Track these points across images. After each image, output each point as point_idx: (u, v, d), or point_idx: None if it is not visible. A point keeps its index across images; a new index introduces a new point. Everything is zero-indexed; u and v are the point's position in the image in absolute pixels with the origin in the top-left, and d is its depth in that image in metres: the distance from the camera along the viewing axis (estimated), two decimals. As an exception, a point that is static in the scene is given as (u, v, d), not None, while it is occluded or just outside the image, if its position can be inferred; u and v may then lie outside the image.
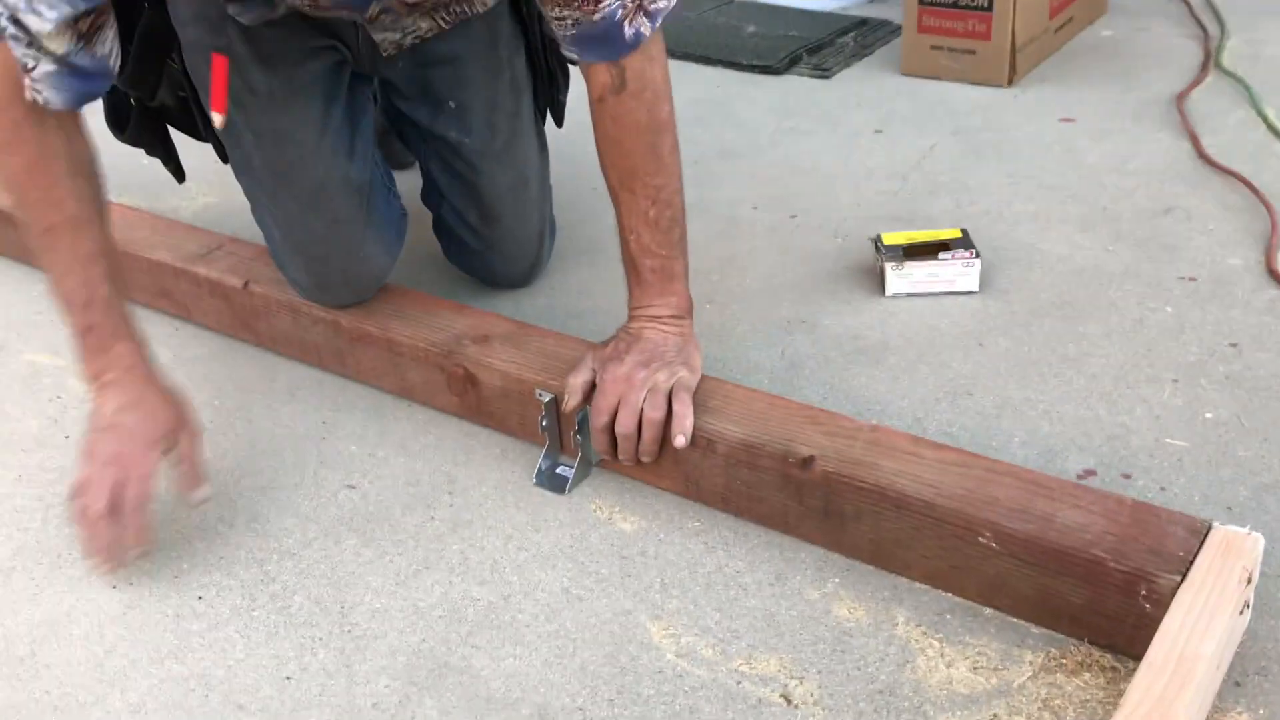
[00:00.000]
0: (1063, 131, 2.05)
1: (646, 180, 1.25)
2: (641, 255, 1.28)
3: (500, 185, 1.57)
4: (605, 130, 1.26)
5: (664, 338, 1.28)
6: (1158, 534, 1.03)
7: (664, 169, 1.26)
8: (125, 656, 1.14)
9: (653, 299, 1.29)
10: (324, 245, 1.42)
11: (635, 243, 1.28)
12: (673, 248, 1.29)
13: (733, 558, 1.20)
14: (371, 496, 1.33)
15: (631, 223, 1.27)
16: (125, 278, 1.29)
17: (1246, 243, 1.66)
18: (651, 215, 1.26)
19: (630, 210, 1.27)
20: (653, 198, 1.26)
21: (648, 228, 1.27)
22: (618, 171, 1.26)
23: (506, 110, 1.55)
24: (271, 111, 1.39)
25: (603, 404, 1.24)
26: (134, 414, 1.21)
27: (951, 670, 1.05)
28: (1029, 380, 1.42)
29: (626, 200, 1.26)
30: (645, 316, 1.29)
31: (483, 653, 1.11)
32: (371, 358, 1.48)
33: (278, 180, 1.42)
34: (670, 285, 1.29)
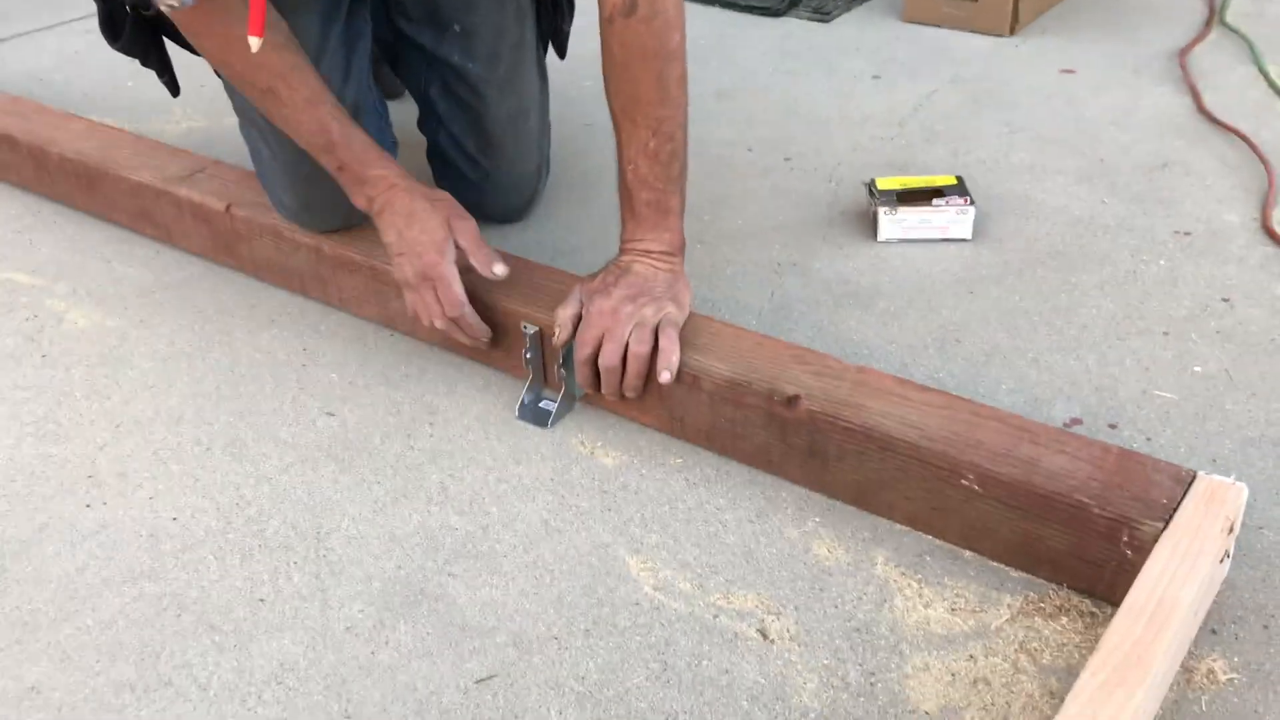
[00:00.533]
0: (1063, 83, 2.02)
1: (650, 110, 1.22)
2: (638, 187, 1.25)
3: (501, 114, 1.54)
4: (612, 54, 1.22)
5: (654, 273, 1.26)
6: (1142, 481, 1.02)
7: (669, 100, 1.23)
8: (98, 575, 1.13)
9: (645, 233, 1.26)
10: (313, 164, 1.39)
11: (633, 174, 1.25)
12: (670, 182, 1.26)
13: (714, 494, 1.19)
14: (351, 424, 1.31)
15: (631, 153, 1.24)
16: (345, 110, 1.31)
17: (1243, 199, 1.64)
18: (652, 147, 1.23)
19: (631, 140, 1.23)
20: (654, 129, 1.23)
21: (647, 160, 1.24)
22: (621, 99, 1.23)
23: (511, 38, 1.52)
24: (270, 24, 1.35)
25: (588, 336, 1.22)
26: (412, 230, 1.27)
27: (929, 611, 1.04)
28: (1019, 329, 1.41)
29: (628, 129, 1.23)
30: (636, 250, 1.27)
31: (459, 581, 1.10)
32: (354, 285, 1.45)
33: None
34: (664, 220, 1.27)
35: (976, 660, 1.00)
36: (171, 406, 1.35)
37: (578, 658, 1.02)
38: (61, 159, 1.72)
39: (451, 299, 1.27)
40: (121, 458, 1.28)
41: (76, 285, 1.59)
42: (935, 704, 0.96)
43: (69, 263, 1.65)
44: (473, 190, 1.61)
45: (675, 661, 1.01)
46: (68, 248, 1.68)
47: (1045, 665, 0.99)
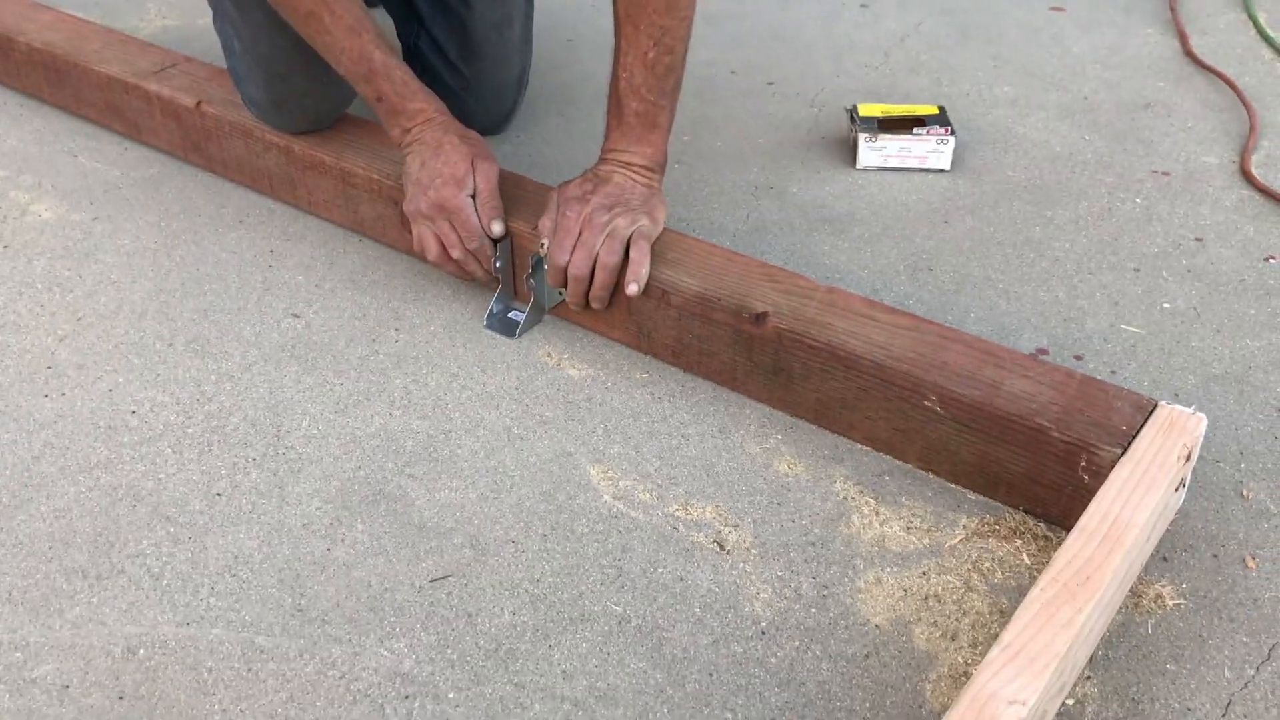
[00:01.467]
0: (1051, 19, 2.00)
1: (654, 18, 1.19)
2: (629, 96, 1.23)
3: (486, 21, 1.51)
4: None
5: (631, 185, 1.24)
6: (1103, 408, 1.03)
7: (675, 9, 1.20)
8: (53, 464, 1.12)
9: (630, 144, 1.24)
10: (286, 63, 1.36)
11: (626, 81, 1.22)
12: (663, 96, 1.23)
13: (678, 409, 1.19)
14: (315, 326, 1.30)
15: (628, 60, 1.21)
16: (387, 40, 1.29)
17: (1223, 142, 1.64)
18: (650, 57, 1.21)
19: (630, 46, 1.21)
20: (656, 39, 1.20)
21: (643, 68, 1.21)
22: (627, 3, 1.20)
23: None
24: None
25: (564, 241, 1.21)
26: (435, 162, 1.27)
27: (885, 529, 1.05)
28: (991, 259, 1.40)
29: (628, 34, 1.21)
30: (618, 161, 1.25)
31: (418, 483, 1.10)
32: (324, 188, 1.43)
33: None
34: (650, 134, 1.25)
35: (929, 577, 1.00)
36: (135, 301, 1.33)
37: (533, 560, 1.02)
38: (29, 49, 1.68)
39: (470, 229, 1.25)
40: (82, 350, 1.26)
41: (42, 178, 1.56)
42: (885, 617, 0.97)
43: (35, 155, 1.61)
44: (452, 99, 1.58)
45: (630, 568, 1.01)
46: (34, 140, 1.65)
47: (997, 584, 1.00)
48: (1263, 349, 1.26)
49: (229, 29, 1.40)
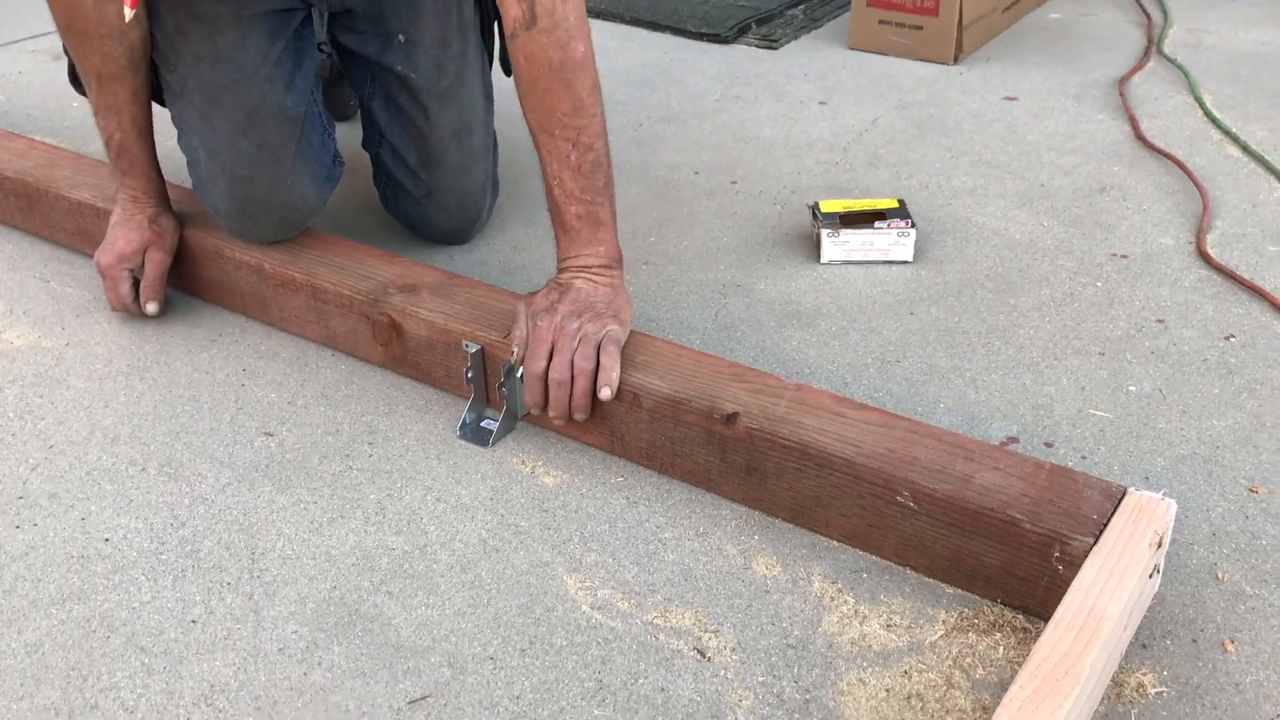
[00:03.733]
0: (1005, 109, 2.06)
1: (565, 121, 1.22)
2: (566, 202, 1.25)
3: (444, 128, 1.54)
4: (520, 69, 1.23)
5: (594, 289, 1.26)
6: (1073, 497, 1.04)
7: (583, 109, 1.22)
8: (25, 597, 1.11)
9: (581, 248, 1.26)
10: (250, 167, 1.39)
11: (559, 189, 1.25)
12: (598, 193, 1.25)
13: (654, 513, 1.19)
14: (289, 444, 1.30)
15: (554, 168, 1.24)
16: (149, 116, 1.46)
17: (1178, 223, 1.68)
18: (574, 160, 1.23)
19: (551, 154, 1.23)
20: (573, 140, 1.23)
21: (570, 172, 1.23)
22: (536, 113, 1.23)
23: (454, 49, 1.53)
24: (213, 36, 1.38)
25: (538, 350, 1.22)
26: (116, 231, 1.48)
27: (864, 627, 1.05)
28: (957, 349, 1.42)
29: (546, 143, 1.23)
30: (575, 267, 1.27)
31: (395, 601, 1.09)
32: (296, 305, 1.44)
33: (211, 101, 1.40)
34: (598, 234, 1.26)
35: (911, 676, 1.00)
36: (107, 426, 1.33)
37: (513, 677, 1.01)
38: (1, 178, 1.70)
39: (114, 299, 1.49)
40: (54, 478, 1.26)
41: (14, 304, 1.57)
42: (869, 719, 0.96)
43: (6, 281, 1.62)
44: (416, 208, 1.61)
45: (611, 680, 1.01)
46: (5, 267, 1.66)
47: (978, 680, 0.99)
48: (1229, 428, 1.27)
49: (192, 140, 1.43)
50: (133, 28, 1.37)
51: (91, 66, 1.38)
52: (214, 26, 1.38)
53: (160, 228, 1.48)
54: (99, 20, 1.34)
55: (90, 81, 1.40)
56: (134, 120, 1.43)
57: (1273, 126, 1.94)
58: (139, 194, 1.48)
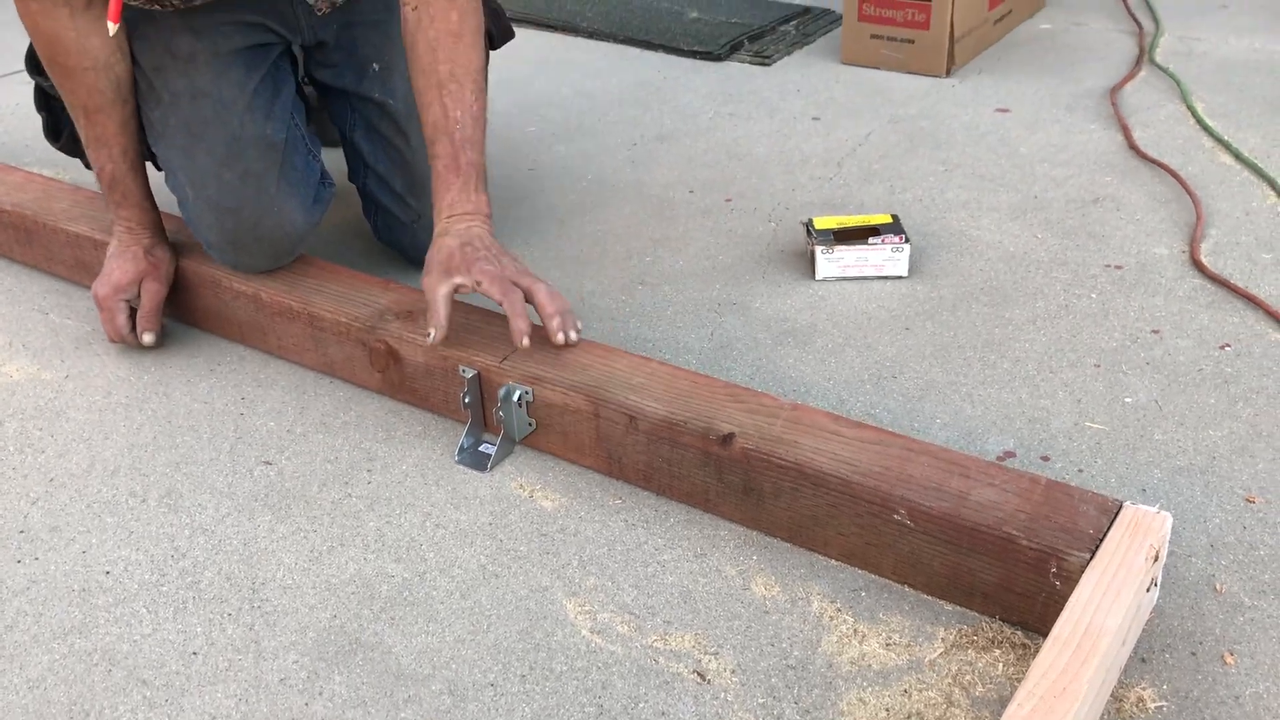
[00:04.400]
0: (998, 121, 2.07)
1: (475, 75, 1.30)
2: (465, 146, 1.29)
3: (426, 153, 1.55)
4: (449, 25, 1.28)
5: (487, 234, 1.30)
6: (1069, 512, 1.04)
7: (485, 66, 1.33)
8: (26, 632, 1.11)
9: (471, 194, 1.30)
10: (235, 197, 1.40)
11: (460, 134, 1.29)
12: (483, 146, 1.32)
13: (652, 535, 1.19)
14: (288, 473, 1.30)
15: (457, 114, 1.28)
16: (140, 147, 1.47)
17: (1172, 233, 1.68)
18: (475, 109, 1.30)
19: (457, 102, 1.28)
20: (476, 91, 1.30)
21: (471, 120, 1.29)
22: (449, 64, 1.28)
23: None
24: (191, 73, 1.41)
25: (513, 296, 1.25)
26: (112, 262, 1.49)
27: (864, 646, 1.05)
28: (953, 364, 1.42)
29: (455, 91, 1.28)
30: (474, 215, 1.29)
31: (395, 629, 1.10)
32: (294, 333, 1.45)
33: (192, 137, 1.41)
34: (482, 184, 1.32)
35: (911, 695, 1.00)
36: (107, 458, 1.34)
37: (513, 704, 1.01)
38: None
39: (111, 330, 1.50)
40: (54, 511, 1.26)
41: (13, 337, 1.58)
42: (869, 740, 0.96)
43: (5, 314, 1.63)
44: (407, 233, 1.62)
45: (611, 705, 1.01)
46: (4, 300, 1.67)
47: (978, 698, 0.99)
48: (1225, 438, 1.27)
49: (179, 178, 1.45)
50: (117, 60, 1.38)
51: (78, 100, 1.40)
52: (191, 64, 1.41)
53: (156, 258, 1.49)
54: (81, 53, 1.35)
55: (78, 115, 1.41)
56: (124, 152, 1.44)
57: (1265, 134, 1.95)
58: (134, 225, 1.49)
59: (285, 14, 1.47)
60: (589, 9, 2.67)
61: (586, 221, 1.79)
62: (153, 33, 1.40)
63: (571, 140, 2.07)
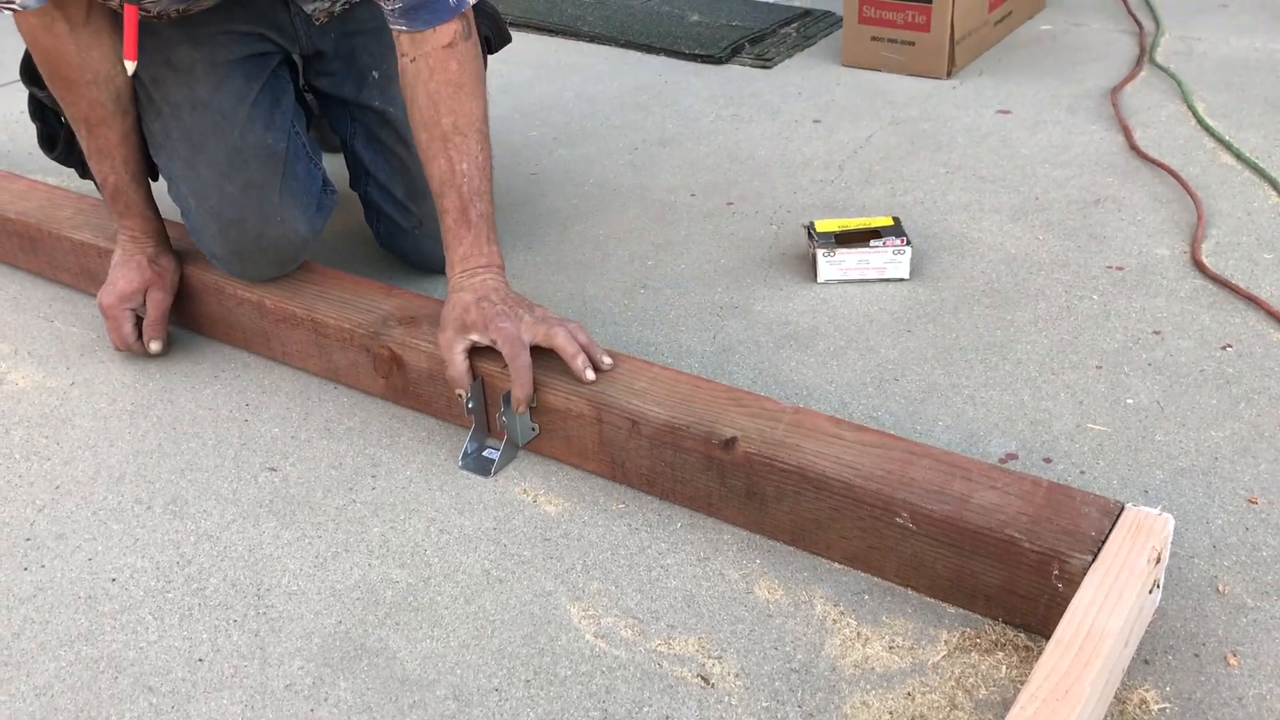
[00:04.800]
0: (999, 123, 2.07)
1: (478, 125, 1.30)
2: (474, 199, 1.30)
3: None
4: (448, 76, 1.28)
5: (506, 289, 1.30)
6: (1071, 515, 1.04)
7: (487, 116, 1.32)
8: (33, 639, 1.12)
9: (482, 247, 1.30)
10: (238, 208, 1.41)
11: (467, 186, 1.29)
12: (491, 197, 1.32)
13: (656, 539, 1.20)
14: (293, 479, 1.31)
15: (463, 167, 1.29)
16: (142, 158, 1.47)
17: (1173, 233, 1.68)
18: (480, 160, 1.30)
19: (463, 154, 1.29)
20: (481, 142, 1.30)
21: (478, 171, 1.30)
22: (453, 115, 1.28)
23: None
24: (191, 84, 1.41)
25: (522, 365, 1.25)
26: (117, 271, 1.49)
27: (867, 649, 1.05)
28: (955, 366, 1.43)
29: (460, 144, 1.29)
30: (488, 268, 1.30)
31: (400, 634, 1.10)
32: (297, 339, 1.46)
33: (193, 148, 1.42)
34: (493, 234, 1.32)
35: (914, 697, 1.00)
36: (112, 465, 1.34)
37: (518, 709, 1.02)
38: (3, 220, 1.72)
39: (117, 339, 1.50)
40: (60, 519, 1.27)
41: (18, 345, 1.58)
42: (873, 743, 0.97)
43: (10, 323, 1.64)
44: (408, 239, 1.63)
45: (615, 710, 1.01)
46: (9, 308, 1.67)
47: (981, 700, 1.00)
48: (1227, 439, 1.27)
49: (181, 189, 1.45)
50: (118, 73, 1.39)
51: (79, 113, 1.40)
52: (190, 75, 1.41)
53: (160, 267, 1.50)
54: (82, 67, 1.36)
55: (79, 128, 1.42)
56: (126, 162, 1.45)
57: (1266, 133, 1.95)
58: (138, 234, 1.49)
59: (283, 24, 1.48)
60: (590, 13, 2.67)
61: (589, 226, 1.80)
62: (151, 44, 1.41)
63: (573, 144, 2.07)
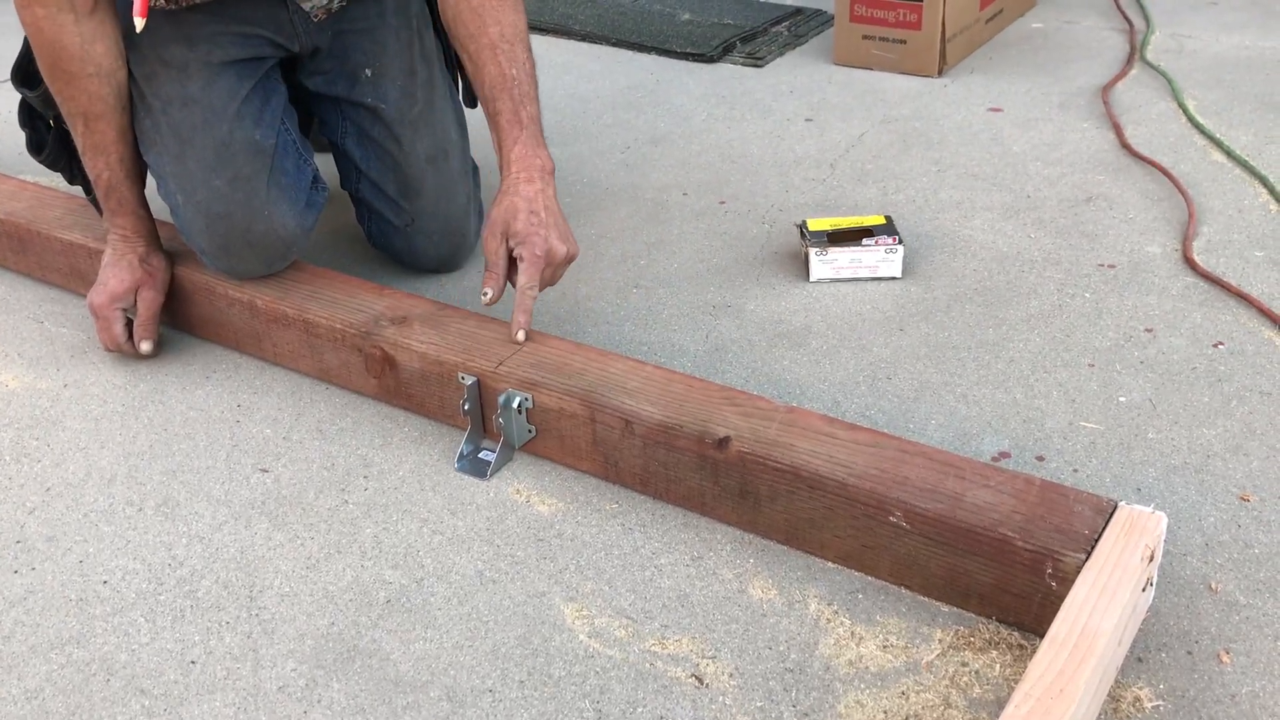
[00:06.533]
0: (990, 120, 2.07)
1: (521, 36, 1.36)
2: (524, 101, 1.34)
3: (419, 154, 1.57)
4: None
5: (552, 199, 1.33)
6: (1064, 513, 1.04)
7: (527, 28, 1.38)
8: (24, 642, 1.11)
9: (536, 148, 1.34)
10: (225, 202, 1.41)
11: (517, 89, 1.33)
12: (538, 100, 1.37)
13: (649, 539, 1.20)
14: (285, 480, 1.30)
15: (512, 72, 1.34)
16: (136, 156, 1.47)
17: (1165, 231, 1.68)
18: (528, 67, 1.36)
19: (511, 60, 1.34)
20: (526, 51, 1.36)
21: (526, 76, 1.35)
22: (498, 25, 1.34)
23: (421, 77, 1.58)
24: (183, 81, 1.42)
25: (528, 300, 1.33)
26: (107, 271, 1.49)
27: (861, 648, 1.05)
28: (948, 364, 1.43)
29: (506, 50, 1.34)
30: (541, 172, 1.33)
31: (393, 636, 1.10)
32: (289, 339, 1.45)
33: (182, 143, 1.42)
34: (542, 136, 1.36)
35: (908, 696, 1.00)
36: (103, 467, 1.34)
37: (512, 709, 1.02)
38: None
39: (108, 339, 1.50)
40: (51, 521, 1.26)
41: (7, 347, 1.58)
42: (868, 742, 0.97)
43: (0, 324, 1.63)
44: (400, 237, 1.62)
45: (610, 710, 1.01)
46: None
47: (975, 699, 1.00)
48: (1219, 436, 1.28)
49: (170, 185, 1.45)
50: (119, 68, 1.39)
51: (78, 107, 1.40)
52: (184, 73, 1.42)
53: (151, 267, 1.49)
54: (84, 59, 1.35)
55: (76, 123, 1.42)
56: (121, 159, 1.44)
57: (1256, 131, 1.95)
58: (129, 233, 1.49)
59: (281, 22, 1.48)
60: (581, 11, 2.67)
61: (581, 225, 1.80)
62: (146, 42, 1.41)
63: (566, 144, 2.07)
